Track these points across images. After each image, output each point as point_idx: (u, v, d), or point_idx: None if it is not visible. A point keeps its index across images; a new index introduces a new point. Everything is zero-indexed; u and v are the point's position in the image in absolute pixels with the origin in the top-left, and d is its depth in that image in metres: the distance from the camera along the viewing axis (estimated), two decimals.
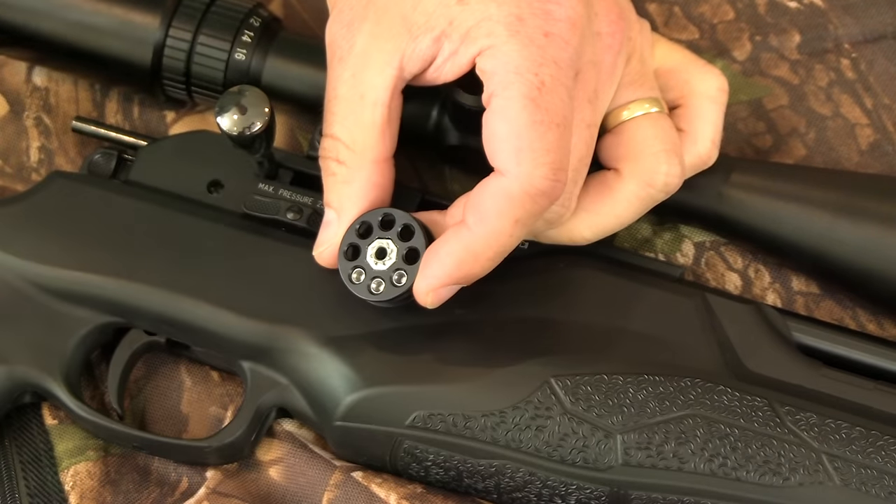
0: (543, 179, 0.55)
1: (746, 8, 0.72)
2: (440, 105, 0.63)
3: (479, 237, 0.56)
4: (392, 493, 0.60)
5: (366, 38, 0.58)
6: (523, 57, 0.55)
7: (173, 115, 0.71)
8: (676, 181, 0.60)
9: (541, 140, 0.55)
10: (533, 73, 0.55)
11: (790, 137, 0.69)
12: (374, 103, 0.58)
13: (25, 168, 0.70)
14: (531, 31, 0.55)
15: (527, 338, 0.60)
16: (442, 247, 0.57)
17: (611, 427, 0.58)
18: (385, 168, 0.59)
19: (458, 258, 0.56)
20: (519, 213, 0.55)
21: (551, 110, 0.55)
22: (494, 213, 0.55)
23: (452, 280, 0.57)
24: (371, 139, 0.58)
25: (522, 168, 0.55)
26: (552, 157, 0.55)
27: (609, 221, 0.60)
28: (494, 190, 0.55)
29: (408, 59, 0.57)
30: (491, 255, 0.56)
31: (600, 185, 0.60)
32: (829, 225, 0.62)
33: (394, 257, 0.58)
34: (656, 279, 0.62)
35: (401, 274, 0.58)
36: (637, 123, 0.60)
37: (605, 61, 0.58)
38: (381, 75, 0.57)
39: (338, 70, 0.58)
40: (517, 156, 0.55)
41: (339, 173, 0.59)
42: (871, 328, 0.66)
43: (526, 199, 0.55)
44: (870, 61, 0.70)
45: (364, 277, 0.58)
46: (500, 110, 0.55)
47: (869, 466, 0.57)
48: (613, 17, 0.58)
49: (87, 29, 0.65)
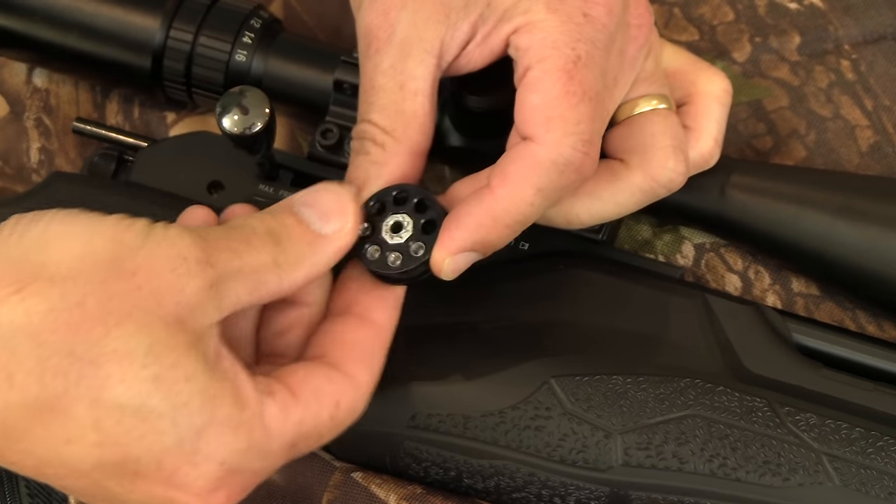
0: (572, 149, 0.54)
1: (746, 9, 0.72)
2: (440, 106, 0.63)
3: (499, 199, 0.55)
4: (392, 494, 0.60)
5: (405, 27, 0.57)
6: (561, 32, 0.55)
7: (174, 116, 0.71)
8: (681, 178, 0.60)
9: (573, 110, 0.54)
10: (570, 47, 0.54)
11: (790, 139, 0.69)
12: (415, 93, 0.57)
13: (26, 169, 0.71)
14: (570, 10, 0.55)
15: (527, 338, 0.60)
16: (461, 208, 0.55)
17: (611, 427, 0.58)
18: (419, 161, 0.58)
19: (478, 220, 0.55)
20: (543, 180, 0.54)
21: (585, 83, 0.54)
22: (519, 175, 0.54)
23: (469, 244, 0.55)
24: (412, 129, 0.57)
25: (551, 135, 0.54)
26: (583, 127, 0.54)
27: (608, 208, 0.60)
28: (522, 153, 0.55)
29: (447, 46, 0.56)
30: (509, 221, 0.55)
31: (606, 171, 0.60)
32: (830, 226, 0.62)
33: (410, 229, 0.56)
34: (656, 280, 0.62)
35: (419, 245, 0.56)
36: (647, 118, 0.60)
37: (629, 52, 0.58)
38: (423, 64, 0.56)
39: (375, 60, 0.57)
40: (547, 123, 0.54)
41: (373, 153, 0.57)
42: (871, 330, 0.66)
43: (552, 168, 0.54)
44: (870, 63, 0.70)
45: (380, 253, 0.56)
46: (535, 81, 0.55)
47: (869, 467, 0.57)
48: (641, 10, 0.58)
49: (87, 30, 0.66)
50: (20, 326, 0.47)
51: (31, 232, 0.49)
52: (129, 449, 0.48)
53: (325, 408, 0.52)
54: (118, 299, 0.48)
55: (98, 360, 0.47)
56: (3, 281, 0.48)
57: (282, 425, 0.51)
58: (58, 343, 0.47)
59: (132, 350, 0.47)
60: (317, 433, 0.53)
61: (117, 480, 0.49)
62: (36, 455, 0.49)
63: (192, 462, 0.49)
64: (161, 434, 0.48)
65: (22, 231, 0.49)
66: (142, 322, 0.48)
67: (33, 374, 0.47)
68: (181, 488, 0.49)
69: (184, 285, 0.49)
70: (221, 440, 0.49)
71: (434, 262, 0.55)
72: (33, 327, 0.47)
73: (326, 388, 0.53)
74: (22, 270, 0.48)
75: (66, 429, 0.47)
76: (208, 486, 0.49)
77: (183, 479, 0.49)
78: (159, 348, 0.48)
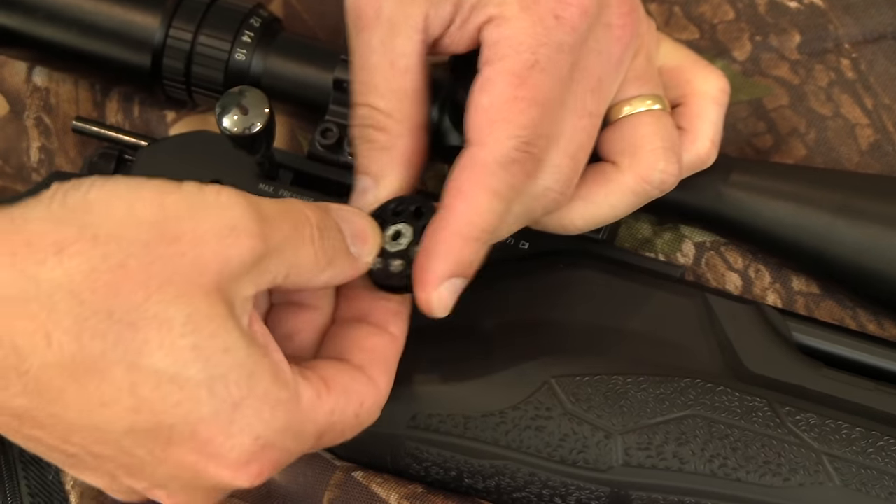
0: (514, 150, 0.54)
1: (746, 8, 0.72)
2: (440, 106, 0.63)
3: (459, 214, 0.54)
4: (393, 493, 0.60)
5: (392, 4, 0.57)
6: (528, 34, 0.55)
7: (173, 115, 0.71)
8: (673, 179, 0.60)
9: (519, 114, 0.54)
10: (531, 51, 0.55)
11: (790, 137, 0.69)
12: (405, 69, 0.57)
13: (26, 168, 0.71)
14: (542, 11, 0.55)
15: (527, 338, 0.60)
16: (428, 239, 0.55)
17: (611, 427, 0.58)
18: (423, 135, 0.58)
19: (447, 245, 0.54)
20: (495, 183, 0.54)
21: (536, 89, 0.54)
22: (469, 185, 0.54)
23: (447, 272, 0.55)
24: (408, 106, 0.57)
25: (493, 136, 0.54)
26: (528, 131, 0.54)
27: (602, 211, 0.60)
28: (466, 161, 0.55)
29: (431, 22, 0.57)
30: (476, 233, 0.54)
31: (598, 174, 0.60)
32: (830, 225, 0.62)
33: (410, 235, 0.56)
34: (656, 279, 0.62)
35: None
36: (639, 119, 0.60)
37: (612, 52, 0.58)
38: (410, 41, 0.57)
39: (364, 37, 0.57)
40: (490, 126, 0.54)
41: (378, 140, 0.57)
42: (872, 328, 0.66)
43: (498, 169, 0.54)
44: (870, 61, 0.70)
45: (383, 263, 0.56)
46: (487, 82, 0.55)
47: (869, 467, 0.57)
48: (625, 10, 0.58)
49: (87, 29, 0.65)
50: (60, 285, 0.46)
51: (72, 196, 0.49)
52: (164, 416, 0.48)
53: (352, 405, 0.53)
54: (160, 264, 0.47)
55: (137, 324, 0.47)
56: (45, 241, 0.47)
57: (316, 410, 0.51)
58: (97, 304, 0.47)
59: (171, 317, 0.47)
60: (341, 428, 0.53)
61: (148, 448, 0.49)
62: (66, 420, 0.48)
63: (227, 433, 0.48)
64: (198, 403, 0.48)
65: (63, 196, 0.49)
66: (182, 289, 0.47)
67: (71, 334, 0.46)
68: (213, 458, 0.49)
69: (230, 256, 0.49)
70: (259, 415, 0.49)
71: (421, 304, 0.55)
72: (73, 286, 0.47)
73: (354, 386, 0.53)
74: (64, 231, 0.47)
75: (102, 391, 0.47)
76: (242, 458, 0.49)
77: (217, 448, 0.49)
78: (198, 318, 0.47)
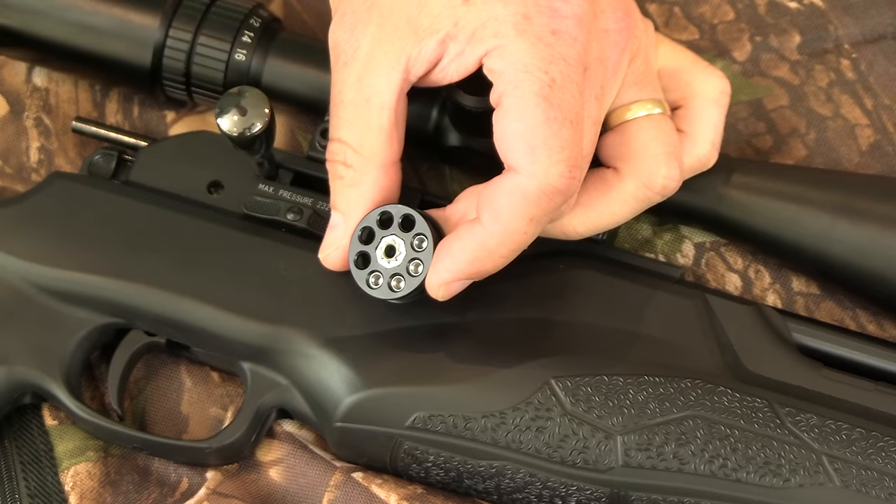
0: (560, 177, 0.55)
1: (746, 8, 0.72)
2: (440, 106, 0.63)
3: (493, 235, 0.56)
4: (392, 494, 0.60)
5: (370, 42, 0.57)
6: (532, 55, 0.55)
7: (173, 115, 0.71)
8: (674, 185, 0.60)
9: (556, 137, 0.54)
10: (543, 70, 0.55)
11: (790, 138, 0.69)
12: (380, 107, 0.58)
13: (25, 168, 0.70)
14: (538, 30, 0.55)
15: (527, 339, 0.60)
16: (454, 242, 0.56)
17: (611, 428, 0.58)
18: (392, 172, 0.59)
19: (472, 255, 0.56)
20: (534, 211, 0.55)
21: (563, 107, 0.55)
22: (510, 211, 0.55)
23: (464, 276, 0.57)
24: (378, 143, 0.58)
25: (538, 166, 0.54)
26: (567, 153, 0.55)
27: (604, 218, 0.60)
28: (510, 188, 0.55)
29: (413, 61, 0.57)
30: (505, 252, 0.56)
31: (599, 181, 0.60)
32: (829, 226, 0.62)
33: (404, 250, 0.58)
34: (656, 280, 0.62)
35: (417, 263, 0.57)
36: (639, 124, 0.60)
37: (610, 58, 0.58)
38: (387, 79, 0.57)
39: (343, 74, 0.58)
40: (532, 154, 0.55)
41: (346, 176, 0.59)
42: (872, 329, 0.66)
43: (542, 198, 0.55)
44: (870, 62, 0.70)
45: (382, 280, 0.58)
46: (513, 109, 0.55)
47: (869, 468, 0.57)
48: (620, 15, 0.58)
49: (87, 29, 0.65)
50: None
51: None
52: None
53: None
54: None
55: None
56: None
57: None
58: None
59: None
60: None
61: None
62: None
63: None
64: None
65: None
66: None
67: None
68: None
69: None
70: None
71: (429, 287, 0.57)
72: None
73: None
74: None
75: None
76: None
77: None
78: None
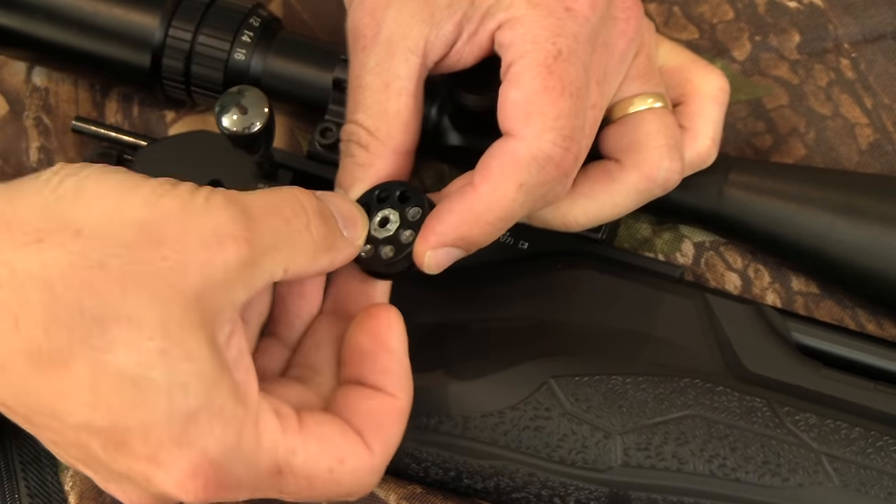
0: (552, 145, 0.54)
1: (746, 8, 0.72)
2: (439, 105, 0.63)
3: (482, 196, 0.55)
4: (391, 494, 0.60)
5: (390, 26, 0.57)
6: (542, 27, 0.55)
7: (173, 114, 0.71)
8: (676, 177, 0.60)
9: (552, 105, 0.54)
10: (550, 42, 0.55)
11: (790, 137, 0.69)
12: (398, 92, 0.57)
13: (25, 168, 0.71)
14: (552, 4, 0.55)
15: (526, 338, 0.60)
16: (444, 205, 0.56)
17: (610, 428, 0.58)
18: (403, 161, 0.58)
19: (459, 217, 0.55)
20: (524, 176, 0.55)
21: (565, 78, 0.55)
22: (499, 173, 0.55)
23: (451, 240, 0.55)
24: (395, 128, 0.58)
25: (530, 130, 0.54)
26: (562, 122, 0.54)
27: (605, 209, 0.60)
28: (501, 150, 0.55)
29: (431, 45, 0.57)
30: (491, 218, 0.55)
31: (601, 172, 0.60)
32: (829, 225, 0.62)
33: (397, 220, 0.57)
34: (656, 279, 0.62)
35: (410, 234, 0.56)
36: (642, 117, 0.60)
37: (617, 46, 0.58)
38: (407, 63, 0.57)
39: (361, 58, 0.58)
40: (526, 119, 0.54)
41: (358, 156, 0.58)
42: (871, 328, 0.66)
43: (532, 164, 0.54)
44: (870, 61, 0.70)
45: (373, 250, 0.57)
46: (516, 77, 0.55)
47: (868, 467, 0.57)
48: (629, 4, 0.58)
49: (86, 29, 0.66)
50: (34, 275, 0.47)
51: (67, 182, 0.49)
52: (119, 417, 0.47)
53: (327, 457, 0.51)
54: (141, 266, 0.47)
55: (106, 322, 0.47)
56: (27, 228, 0.47)
57: (274, 443, 0.50)
58: (69, 298, 0.47)
59: (143, 320, 0.47)
60: (307, 477, 0.51)
61: (102, 445, 0.48)
62: (28, 403, 0.48)
63: (177, 443, 0.48)
64: (154, 408, 0.47)
65: (60, 180, 0.49)
66: (159, 294, 0.47)
67: (40, 324, 0.47)
68: (162, 466, 0.48)
69: (213, 262, 0.48)
70: (210, 428, 0.48)
71: (416, 255, 0.56)
72: (47, 279, 0.47)
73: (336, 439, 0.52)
74: (48, 220, 0.47)
75: (63, 383, 0.47)
76: (188, 470, 0.48)
77: (165, 457, 0.48)
78: (171, 323, 0.47)
